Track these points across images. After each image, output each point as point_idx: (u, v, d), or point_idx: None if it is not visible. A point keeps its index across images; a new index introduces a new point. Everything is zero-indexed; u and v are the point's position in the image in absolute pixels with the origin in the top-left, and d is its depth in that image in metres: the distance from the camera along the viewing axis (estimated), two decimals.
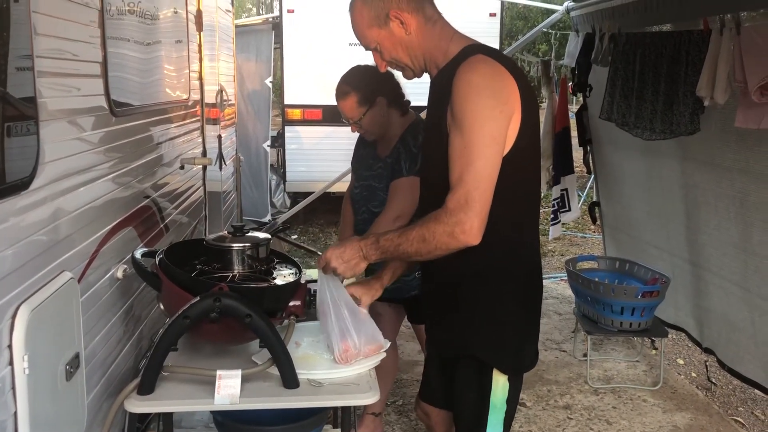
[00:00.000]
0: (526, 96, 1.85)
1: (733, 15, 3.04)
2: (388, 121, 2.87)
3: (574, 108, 6.02)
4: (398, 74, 2.70)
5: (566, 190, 5.17)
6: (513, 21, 16.40)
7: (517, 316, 1.99)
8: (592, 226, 7.45)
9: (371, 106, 2.81)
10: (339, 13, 9.30)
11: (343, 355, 2.03)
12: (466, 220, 1.75)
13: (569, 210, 5.24)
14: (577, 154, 5.34)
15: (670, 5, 3.61)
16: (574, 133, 5.21)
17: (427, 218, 1.82)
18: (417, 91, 2.93)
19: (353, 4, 1.97)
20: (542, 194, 6.48)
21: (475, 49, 1.89)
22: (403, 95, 2.93)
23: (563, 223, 5.67)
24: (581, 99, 5.02)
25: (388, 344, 2.14)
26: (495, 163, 1.79)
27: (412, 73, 2.02)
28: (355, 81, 2.83)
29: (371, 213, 2.92)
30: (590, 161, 5.28)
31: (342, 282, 2.06)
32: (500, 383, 1.97)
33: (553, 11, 5.59)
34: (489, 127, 1.78)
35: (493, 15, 8.09)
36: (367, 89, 2.80)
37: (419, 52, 1.95)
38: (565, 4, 5.10)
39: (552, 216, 5.28)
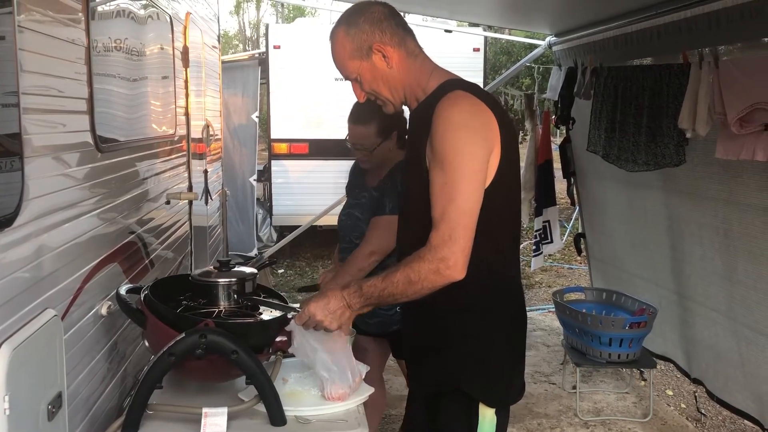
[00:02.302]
0: (505, 130, 1.86)
1: (711, 49, 3.11)
2: (392, 156, 2.87)
3: (557, 140, 6.09)
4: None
5: (548, 221, 5.20)
6: (496, 56, 16.63)
7: (503, 349, 1.98)
8: (579, 258, 7.48)
9: (386, 138, 2.81)
10: (324, 49, 9.35)
11: (335, 394, 2.01)
12: (450, 256, 1.75)
13: (551, 242, 5.27)
14: (561, 185, 5.39)
15: (650, 39, 3.68)
16: (557, 165, 5.26)
17: (410, 259, 1.81)
18: None
19: (335, 33, 1.97)
20: (524, 226, 6.52)
21: (453, 84, 1.91)
22: (407, 132, 2.91)
23: (548, 255, 5.69)
24: (564, 131, 5.08)
25: (367, 369, 2.12)
26: (477, 198, 1.79)
27: (391, 107, 2.03)
28: (379, 111, 2.83)
29: (353, 244, 2.90)
30: (574, 193, 5.32)
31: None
32: (487, 417, 1.95)
33: (535, 46, 5.68)
34: (470, 163, 1.79)
35: (476, 50, 8.21)
36: (388, 121, 2.77)
37: (399, 85, 1.97)
38: (548, 38, 5.19)
39: (534, 247, 5.30)
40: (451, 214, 1.76)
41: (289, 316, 2.06)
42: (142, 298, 2.07)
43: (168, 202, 3.23)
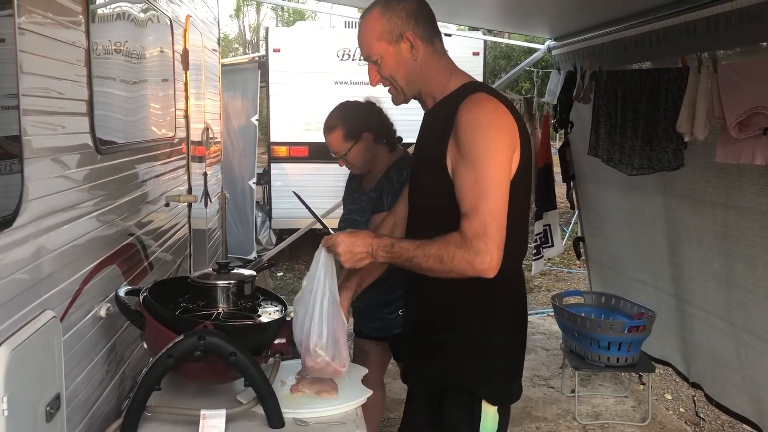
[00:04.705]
0: (522, 133, 1.92)
1: (710, 53, 3.11)
2: (375, 157, 2.91)
3: (556, 144, 6.10)
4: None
5: (549, 225, 5.20)
6: (496, 60, 16.66)
7: (506, 346, 2.01)
8: (578, 261, 7.48)
9: (356, 141, 2.85)
10: (324, 52, 9.32)
11: (309, 361, 1.98)
12: (487, 252, 1.78)
13: (552, 245, 5.27)
14: (561, 189, 5.39)
15: (649, 44, 3.69)
16: (557, 169, 5.26)
17: (447, 240, 1.83)
18: (407, 128, 3.00)
19: (368, 12, 1.99)
20: None
21: (476, 86, 1.97)
22: (392, 132, 2.97)
23: (548, 258, 5.69)
24: (563, 135, 5.08)
25: (365, 371, 2.10)
26: (506, 196, 1.84)
27: (402, 98, 2.03)
28: (343, 116, 2.88)
29: None
30: (574, 197, 5.32)
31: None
32: (490, 414, 1.97)
33: (535, 50, 5.69)
34: (499, 162, 1.84)
35: (476, 54, 8.22)
36: (353, 124, 2.85)
37: (418, 78, 1.99)
38: (547, 42, 5.20)
39: (535, 251, 5.29)
40: (485, 208, 1.80)
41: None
42: (141, 300, 2.07)
43: (167, 205, 3.23)
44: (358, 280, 2.18)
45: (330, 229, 2.07)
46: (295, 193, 2.45)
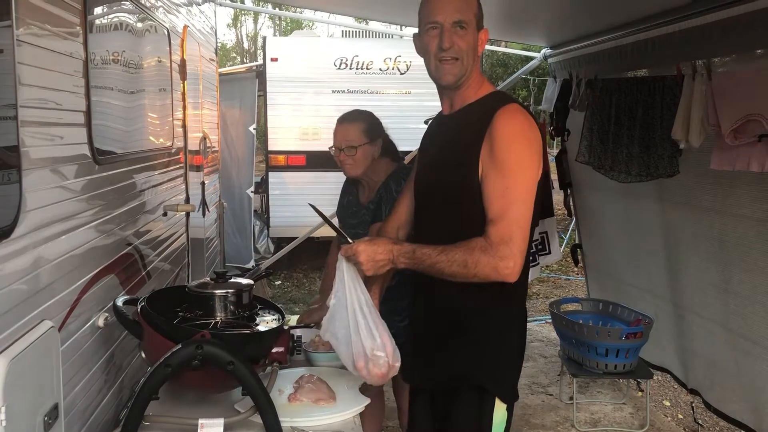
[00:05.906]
0: (543, 146, 2.00)
1: (705, 61, 3.13)
2: (376, 165, 2.96)
3: (554, 152, 6.12)
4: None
5: (546, 232, 5.21)
6: (493, 68, 16.70)
7: (513, 347, 2.08)
8: (575, 268, 7.49)
9: (370, 142, 2.92)
10: (321, 61, 9.30)
11: (375, 369, 1.96)
12: (511, 257, 1.83)
13: (549, 252, 5.27)
14: (558, 196, 5.40)
15: (644, 52, 3.71)
16: (554, 176, 5.28)
17: (471, 245, 1.86)
18: (400, 136, 3.16)
19: None
20: None
21: (507, 97, 2.05)
22: (395, 147, 3.07)
23: (545, 266, 5.69)
24: (560, 143, 5.10)
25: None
26: (531, 207, 1.91)
27: (451, 77, 2.02)
28: (365, 116, 3.00)
29: None
30: (571, 204, 5.34)
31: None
32: (500, 412, 2.01)
33: (531, 58, 5.71)
34: (529, 174, 1.91)
35: None
36: (374, 127, 2.96)
37: (473, 70, 2.04)
38: (543, 51, 5.22)
39: (531, 258, 5.29)
40: (512, 216, 1.86)
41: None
42: (138, 310, 2.07)
43: (165, 214, 3.23)
44: (380, 287, 2.21)
45: (349, 239, 2.07)
46: (311, 204, 2.47)
